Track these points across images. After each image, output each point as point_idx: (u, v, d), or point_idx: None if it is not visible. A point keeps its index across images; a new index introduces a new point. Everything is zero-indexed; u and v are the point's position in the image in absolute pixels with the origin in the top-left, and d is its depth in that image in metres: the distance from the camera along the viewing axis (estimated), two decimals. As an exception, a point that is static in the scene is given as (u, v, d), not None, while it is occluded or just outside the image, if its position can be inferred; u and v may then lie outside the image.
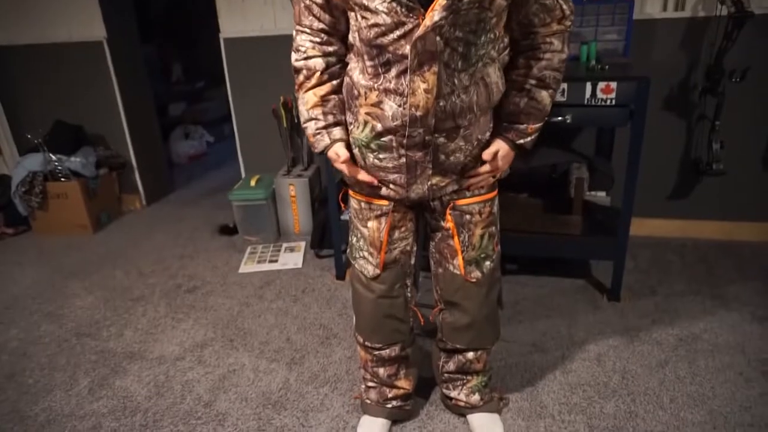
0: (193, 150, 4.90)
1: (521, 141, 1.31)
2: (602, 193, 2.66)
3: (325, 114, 1.32)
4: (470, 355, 1.57)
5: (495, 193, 1.42)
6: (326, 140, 1.32)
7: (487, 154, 1.29)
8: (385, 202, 1.38)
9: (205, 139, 5.13)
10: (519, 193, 2.66)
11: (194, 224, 3.45)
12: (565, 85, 2.09)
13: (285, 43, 2.95)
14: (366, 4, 1.10)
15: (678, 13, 2.53)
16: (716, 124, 2.50)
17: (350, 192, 1.44)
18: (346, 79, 1.29)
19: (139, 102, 3.75)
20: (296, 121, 3.09)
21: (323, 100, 1.31)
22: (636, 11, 2.46)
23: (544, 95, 1.28)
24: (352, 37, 1.22)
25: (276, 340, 2.20)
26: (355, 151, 1.32)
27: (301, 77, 1.32)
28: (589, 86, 2.08)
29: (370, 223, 1.41)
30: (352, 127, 1.31)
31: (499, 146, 1.31)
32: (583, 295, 2.39)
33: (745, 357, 1.93)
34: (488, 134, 1.32)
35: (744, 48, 2.39)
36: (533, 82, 1.26)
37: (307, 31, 1.28)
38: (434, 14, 1.05)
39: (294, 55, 1.31)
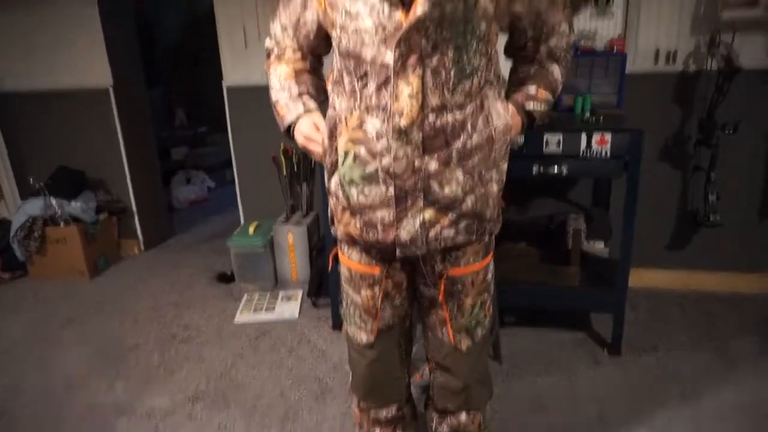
0: (194, 195, 4.93)
1: (531, 106, 1.25)
2: (600, 244, 2.65)
3: (299, 84, 1.27)
4: (463, 417, 1.51)
5: (490, 258, 1.35)
6: (299, 109, 1.26)
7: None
8: (377, 270, 1.30)
9: (207, 184, 5.17)
10: (517, 243, 2.65)
11: (192, 271, 3.44)
12: (560, 136, 2.12)
13: (285, 93, 3.04)
14: (348, 7, 1.07)
15: (670, 67, 2.58)
16: (711, 176, 2.51)
17: (341, 257, 1.37)
18: (329, 112, 1.22)
19: (142, 147, 3.80)
20: (296, 169, 3.12)
21: (297, 73, 1.28)
22: (628, 65, 2.50)
23: (555, 68, 1.26)
24: (333, 62, 1.20)
25: (269, 394, 2.15)
26: (339, 190, 1.22)
27: (272, 55, 1.30)
28: (584, 137, 2.10)
29: (362, 291, 1.34)
30: (334, 165, 1.22)
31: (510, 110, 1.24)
32: (583, 348, 2.35)
33: (751, 416, 1.88)
34: (495, 173, 1.21)
35: (735, 101, 2.42)
36: (544, 54, 1.24)
37: (280, 33, 1.29)
38: (417, 8, 1.00)
39: (266, 41, 1.33)
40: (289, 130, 1.29)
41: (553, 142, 2.10)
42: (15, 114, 3.65)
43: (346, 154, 1.16)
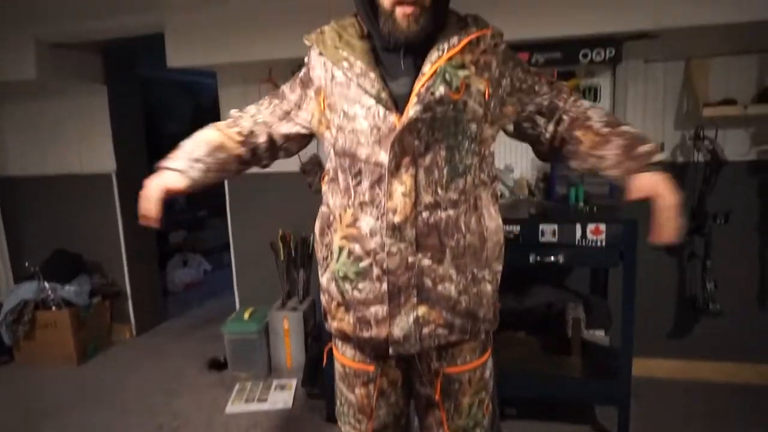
0: (189, 278, 4.90)
1: (656, 158, 1.09)
2: (601, 332, 2.62)
3: (208, 155, 1.27)
4: None
5: (488, 355, 1.32)
6: (179, 165, 1.26)
7: (633, 195, 1.10)
8: (372, 367, 1.27)
9: (203, 267, 5.16)
10: (516, 331, 2.61)
11: (183, 357, 3.35)
12: (555, 226, 2.16)
13: (286, 180, 3.12)
14: (347, 109, 1.12)
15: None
16: (707, 264, 2.53)
17: (335, 353, 1.34)
18: (323, 208, 1.25)
19: (140, 231, 3.81)
20: (293, 254, 3.13)
21: (220, 147, 1.29)
22: (618, 157, 2.59)
23: (628, 128, 1.15)
24: (329, 161, 1.23)
25: (259, 494, 2.03)
26: (333, 285, 1.22)
27: (212, 125, 1.34)
28: (579, 227, 2.14)
29: (357, 390, 1.30)
30: (327, 261, 1.23)
31: (642, 179, 1.08)
32: (588, 443, 2.25)
33: None
34: (488, 273, 1.21)
35: (724, 191, 2.49)
36: (606, 129, 1.15)
37: (245, 115, 1.34)
38: (409, 111, 1.06)
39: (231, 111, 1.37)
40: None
41: (548, 231, 2.14)
42: (17, 197, 3.71)
43: (340, 250, 1.18)
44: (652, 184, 1.07)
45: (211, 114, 3.57)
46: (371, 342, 1.21)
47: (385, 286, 1.14)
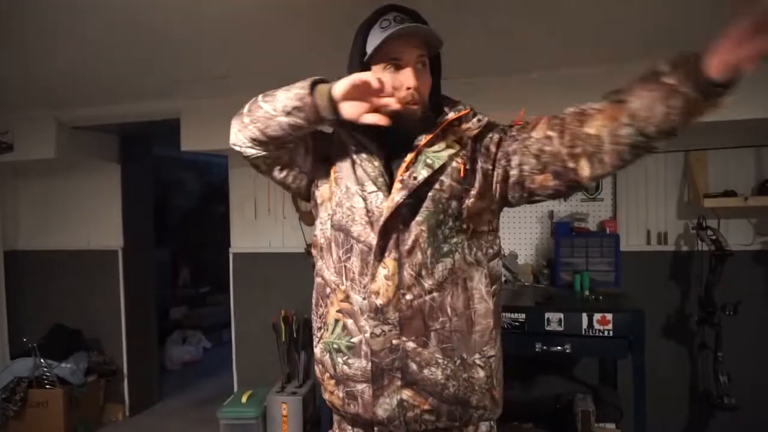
0: (188, 356, 4.80)
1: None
2: (611, 425, 2.51)
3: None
4: None
5: None
6: (304, 82, 1.07)
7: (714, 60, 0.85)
8: None
9: (203, 344, 5.06)
10: (523, 423, 2.51)
11: (176, 442, 3.21)
12: (561, 315, 2.13)
13: (291, 260, 3.14)
14: (349, 187, 1.15)
15: (662, 247, 2.69)
16: (719, 356, 2.47)
17: None
18: (318, 279, 1.25)
19: (142, 309, 3.79)
20: (295, 335, 3.08)
21: None
22: (622, 244, 2.61)
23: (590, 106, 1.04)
24: (321, 231, 1.22)
25: None
26: (326, 357, 1.20)
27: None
28: (585, 317, 2.11)
29: None
30: (321, 331, 1.22)
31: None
32: None
33: None
34: (478, 358, 1.15)
35: (732, 281, 2.47)
36: (600, 108, 1.01)
37: None
38: (395, 197, 1.09)
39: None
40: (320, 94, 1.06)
41: (554, 320, 2.11)
42: (21, 272, 3.72)
43: (336, 322, 1.18)
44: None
45: (220, 191, 3.67)
46: (359, 419, 1.19)
47: (369, 365, 1.13)
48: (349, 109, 1.05)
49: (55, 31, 1.82)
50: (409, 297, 1.11)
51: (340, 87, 1.04)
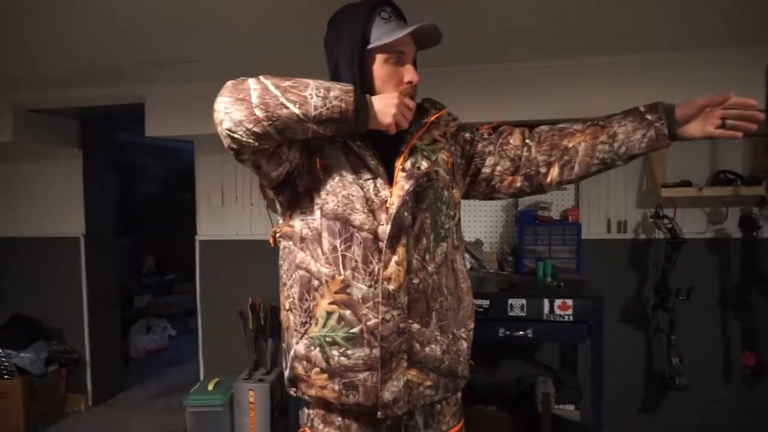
0: (153, 344, 4.73)
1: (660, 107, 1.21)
2: (571, 407, 2.61)
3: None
4: None
5: (462, 424, 1.34)
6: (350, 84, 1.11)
7: (701, 101, 1.18)
8: None
9: (168, 332, 5.00)
10: (486, 406, 2.58)
11: (141, 430, 3.18)
12: (524, 301, 2.19)
13: (259, 247, 3.12)
14: (344, 175, 1.16)
15: (622, 235, 2.78)
16: (672, 339, 2.58)
17: None
18: (301, 272, 1.19)
19: (104, 296, 3.72)
20: (262, 323, 3.07)
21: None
22: (584, 232, 2.69)
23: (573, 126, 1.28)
24: (304, 221, 1.19)
25: None
26: (315, 351, 1.18)
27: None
28: (546, 302, 2.18)
29: None
30: (306, 326, 1.19)
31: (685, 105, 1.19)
32: None
33: None
34: (463, 332, 1.27)
35: (685, 268, 2.58)
36: (582, 127, 1.27)
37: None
38: (402, 183, 1.15)
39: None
40: (356, 112, 1.09)
41: (517, 306, 2.17)
42: (-21, 259, 3.60)
43: (329, 315, 1.17)
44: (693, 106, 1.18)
45: (186, 178, 3.61)
46: (356, 408, 1.20)
47: (377, 351, 1.15)
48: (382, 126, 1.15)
49: (8, 12, 1.75)
50: (416, 281, 1.17)
51: (387, 113, 1.12)
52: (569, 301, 2.16)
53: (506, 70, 2.41)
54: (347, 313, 1.16)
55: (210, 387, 2.97)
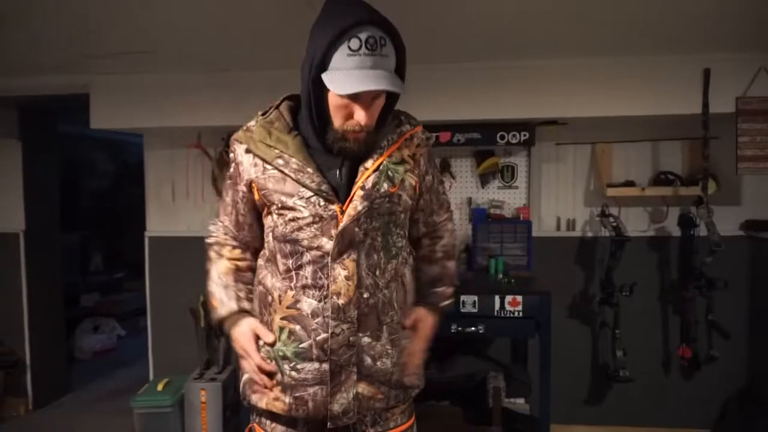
0: (100, 345, 4.56)
1: (442, 303, 1.37)
2: (521, 400, 2.67)
3: (236, 282, 1.32)
4: None
5: (412, 420, 1.35)
6: (232, 306, 1.29)
7: (408, 321, 1.28)
8: None
9: (116, 332, 4.82)
10: (439, 401, 2.62)
11: (86, 435, 3.07)
12: (476, 297, 2.24)
13: (210, 246, 3.04)
14: (284, 201, 1.16)
15: (570, 233, 2.87)
16: (617, 333, 2.68)
17: (257, 428, 1.30)
18: (259, 288, 1.26)
19: (47, 295, 3.56)
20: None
21: (236, 270, 1.33)
22: (534, 230, 2.76)
23: (452, 264, 1.41)
24: (267, 243, 1.25)
25: None
26: (269, 365, 1.23)
27: (212, 252, 1.35)
28: (497, 299, 2.23)
29: None
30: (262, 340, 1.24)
31: (419, 312, 1.31)
32: None
33: None
34: (407, 341, 1.29)
35: (629, 264, 2.69)
36: (440, 254, 1.38)
37: (223, 225, 1.36)
38: (356, 203, 1.14)
39: (209, 240, 1.37)
40: (221, 324, 1.32)
41: (469, 302, 2.21)
42: None
43: (280, 330, 1.20)
44: (422, 320, 1.31)
45: (136, 172, 3.49)
46: (306, 420, 1.23)
47: (326, 366, 1.17)
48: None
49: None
50: (366, 295, 1.18)
51: (238, 347, 1.28)
52: (519, 298, 2.22)
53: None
54: (297, 328, 1.18)
55: (159, 387, 2.89)
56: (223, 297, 1.30)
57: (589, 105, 2.41)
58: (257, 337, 1.24)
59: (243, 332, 1.25)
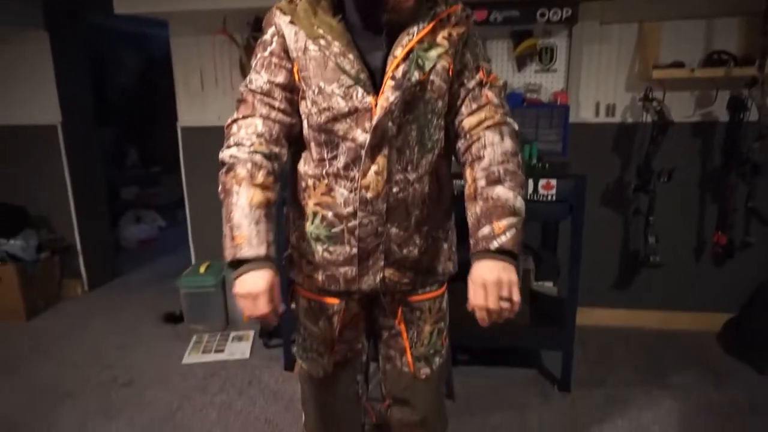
0: (143, 234, 4.79)
1: (495, 243, 1.08)
2: (549, 284, 2.74)
3: (268, 220, 1.10)
4: None
5: (445, 288, 1.39)
6: (261, 251, 1.07)
7: (469, 307, 1.12)
8: (335, 301, 1.31)
9: (158, 223, 5.04)
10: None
11: (138, 312, 3.31)
12: (509, 181, 2.21)
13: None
14: (323, 87, 1.11)
15: (609, 119, 2.77)
16: (650, 220, 2.66)
17: (299, 290, 1.37)
18: (293, 174, 1.28)
19: (90, 185, 3.69)
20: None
21: (269, 204, 1.12)
22: (572, 115, 2.67)
23: (499, 190, 1.12)
24: (303, 129, 1.22)
25: (217, 438, 2.07)
26: (304, 244, 1.27)
27: (243, 171, 1.11)
28: (531, 183, 2.21)
29: (320, 323, 1.34)
30: (301, 221, 1.26)
31: (476, 269, 1.09)
32: (534, 386, 2.38)
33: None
34: (441, 233, 1.31)
35: (669, 151, 2.60)
36: (482, 183, 1.14)
37: (256, 132, 1.14)
38: (388, 94, 1.09)
39: (233, 150, 1.13)
40: (236, 264, 1.09)
41: (502, 184, 2.19)
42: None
43: (314, 215, 1.23)
44: (477, 282, 1.07)
45: (163, 67, 3.45)
46: (338, 289, 1.29)
47: (355, 250, 1.21)
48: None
49: None
50: (395, 190, 1.17)
51: (235, 288, 1.08)
52: (553, 181, 2.19)
53: None
54: (329, 214, 1.21)
55: (201, 270, 3.06)
56: (252, 236, 1.07)
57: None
58: (273, 289, 1.08)
59: (260, 279, 1.06)
